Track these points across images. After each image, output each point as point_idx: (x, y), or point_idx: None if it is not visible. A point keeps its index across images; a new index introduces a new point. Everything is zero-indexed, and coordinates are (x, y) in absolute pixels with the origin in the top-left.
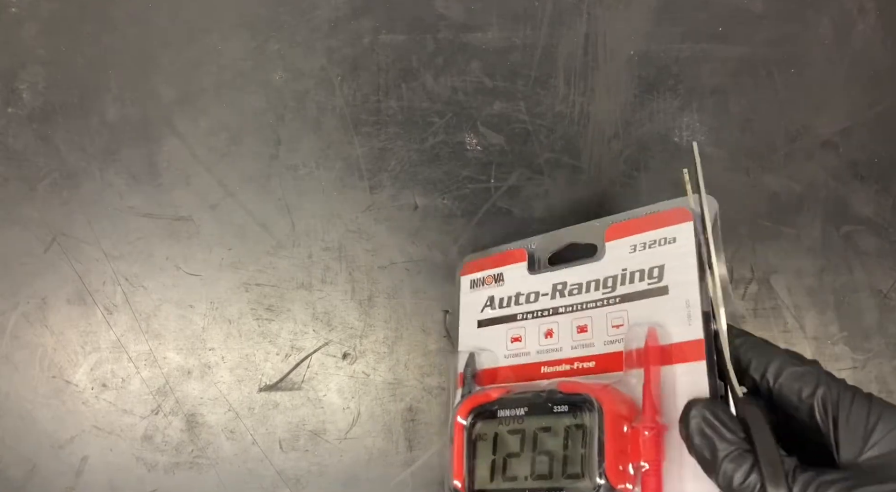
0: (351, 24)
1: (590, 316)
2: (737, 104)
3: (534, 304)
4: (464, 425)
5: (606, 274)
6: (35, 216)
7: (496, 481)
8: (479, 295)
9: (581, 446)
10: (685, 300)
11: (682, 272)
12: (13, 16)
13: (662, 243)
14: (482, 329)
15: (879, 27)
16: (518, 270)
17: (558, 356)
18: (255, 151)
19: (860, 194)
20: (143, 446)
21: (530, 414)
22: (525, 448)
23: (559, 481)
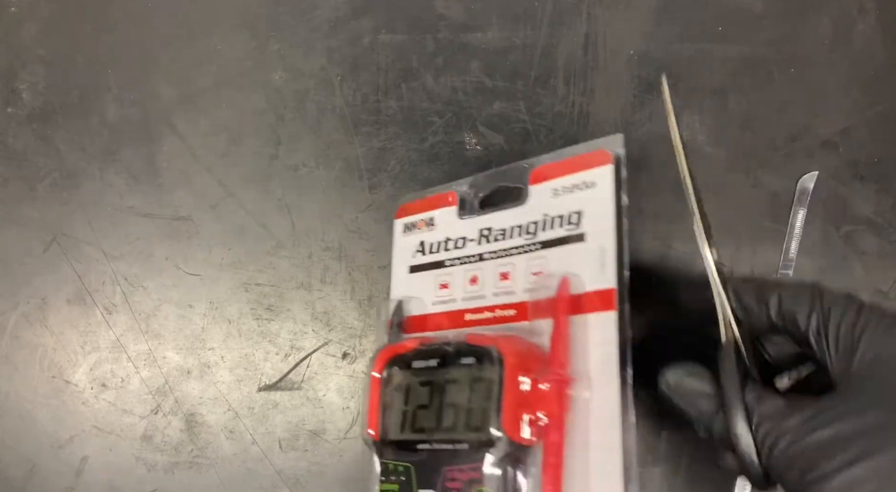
0: (351, 24)
1: (512, 263)
2: (737, 104)
3: (461, 249)
4: (379, 376)
5: (529, 219)
6: (35, 216)
7: (406, 432)
8: (412, 240)
9: (483, 398)
10: (600, 247)
11: (599, 219)
12: (13, 16)
13: (582, 188)
14: (413, 275)
15: (879, 27)
16: (449, 214)
17: (482, 303)
18: (255, 151)
19: (860, 194)
20: (142, 445)
21: (441, 365)
22: (434, 400)
23: (462, 433)
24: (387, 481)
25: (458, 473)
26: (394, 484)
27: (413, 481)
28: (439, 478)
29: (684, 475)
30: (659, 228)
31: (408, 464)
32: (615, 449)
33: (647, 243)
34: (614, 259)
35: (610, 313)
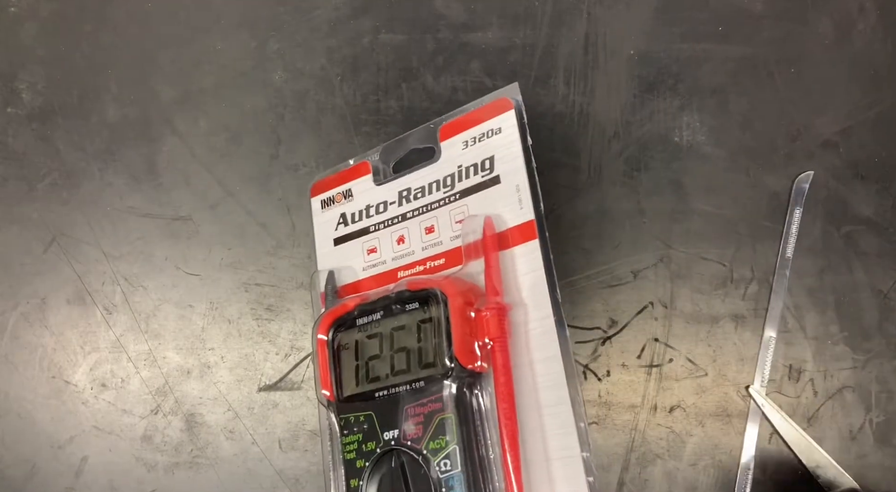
0: (351, 24)
1: (435, 216)
2: (737, 104)
3: (384, 214)
4: (325, 338)
5: (444, 173)
6: (34, 216)
7: (361, 385)
8: (332, 214)
9: (433, 336)
10: (515, 186)
11: (510, 160)
12: (13, 16)
13: (490, 135)
14: (339, 247)
15: (880, 27)
16: (365, 184)
17: (412, 259)
18: (255, 151)
19: (861, 194)
20: (142, 446)
21: (385, 316)
22: (384, 349)
23: (417, 372)
24: (349, 434)
25: (419, 407)
26: (356, 434)
27: (376, 425)
28: (401, 417)
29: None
30: (659, 228)
31: (368, 412)
32: (556, 359)
33: (647, 243)
34: (529, 194)
35: (533, 243)
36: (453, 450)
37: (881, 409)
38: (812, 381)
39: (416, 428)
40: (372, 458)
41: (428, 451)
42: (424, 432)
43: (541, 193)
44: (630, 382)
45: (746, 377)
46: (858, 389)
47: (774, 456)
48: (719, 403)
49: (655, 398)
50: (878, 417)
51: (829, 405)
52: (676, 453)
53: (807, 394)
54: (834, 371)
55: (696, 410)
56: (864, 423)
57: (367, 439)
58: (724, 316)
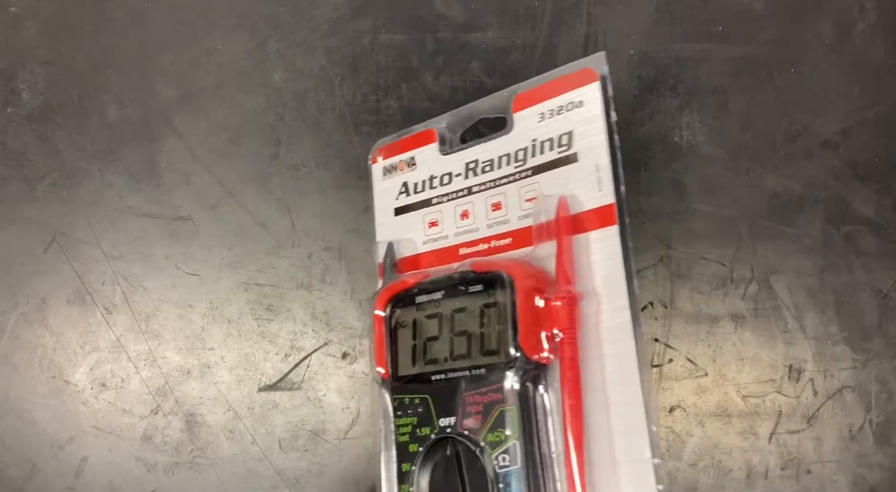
0: (351, 23)
1: (503, 192)
2: (737, 104)
3: (448, 186)
4: (383, 315)
5: (516, 147)
6: (34, 216)
7: (418, 366)
8: (393, 182)
9: (496, 322)
10: (595, 166)
11: (591, 136)
12: (13, 15)
13: (570, 108)
14: (400, 217)
15: (880, 27)
16: (429, 152)
17: (475, 236)
18: (255, 151)
19: (861, 194)
20: (142, 446)
21: (447, 297)
22: (443, 331)
23: (478, 359)
24: (403, 416)
25: (479, 396)
26: (411, 417)
27: (431, 410)
28: (458, 404)
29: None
30: (659, 228)
31: (424, 395)
32: (630, 355)
33: (647, 243)
34: (610, 175)
35: (611, 229)
36: (513, 445)
37: (881, 409)
38: (812, 381)
39: (475, 417)
40: (426, 443)
41: (486, 443)
42: (483, 422)
43: (623, 174)
44: None
45: (746, 377)
46: (858, 389)
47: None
48: (719, 403)
49: (655, 398)
50: (877, 417)
51: (828, 405)
52: (676, 453)
53: (807, 394)
54: (834, 371)
55: (695, 410)
56: (864, 423)
57: (422, 423)
58: (725, 316)
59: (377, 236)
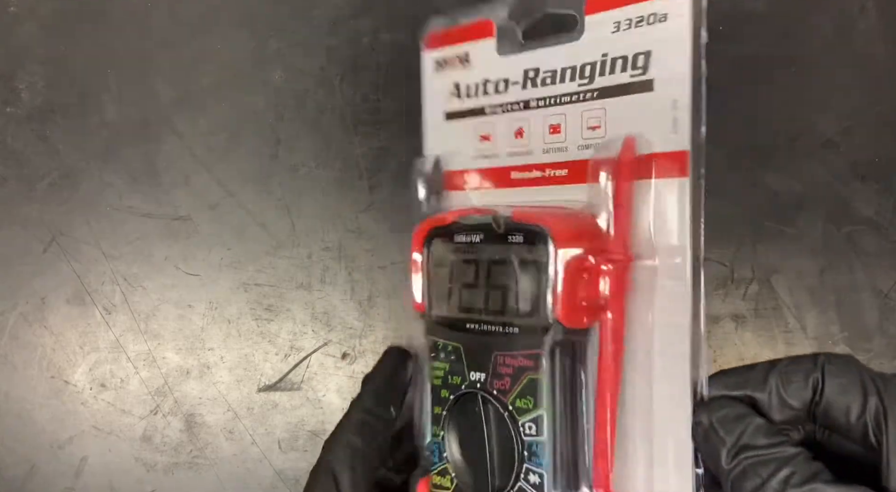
0: (351, 23)
1: (563, 113)
2: (737, 104)
3: (503, 95)
4: (421, 248)
5: (584, 60)
6: (34, 216)
7: (452, 311)
8: (445, 79)
9: (535, 281)
10: (672, 101)
11: (672, 63)
12: (12, 15)
13: (651, 22)
14: (450, 123)
15: (880, 27)
16: (486, 49)
17: (529, 160)
18: (255, 151)
19: (861, 194)
20: (141, 446)
21: (485, 242)
22: (479, 280)
23: (512, 317)
24: (437, 359)
25: (510, 359)
26: (444, 363)
27: (463, 361)
28: (490, 363)
29: None
30: None
31: (457, 344)
32: (684, 329)
33: None
34: (689, 115)
35: (681, 181)
36: (540, 415)
37: None
38: None
39: (505, 380)
40: (456, 393)
41: (514, 407)
42: (512, 385)
43: (705, 115)
44: None
45: None
46: None
47: None
48: None
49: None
50: None
51: None
52: None
53: None
54: None
55: None
56: None
57: (454, 372)
58: (725, 316)
59: (426, 143)
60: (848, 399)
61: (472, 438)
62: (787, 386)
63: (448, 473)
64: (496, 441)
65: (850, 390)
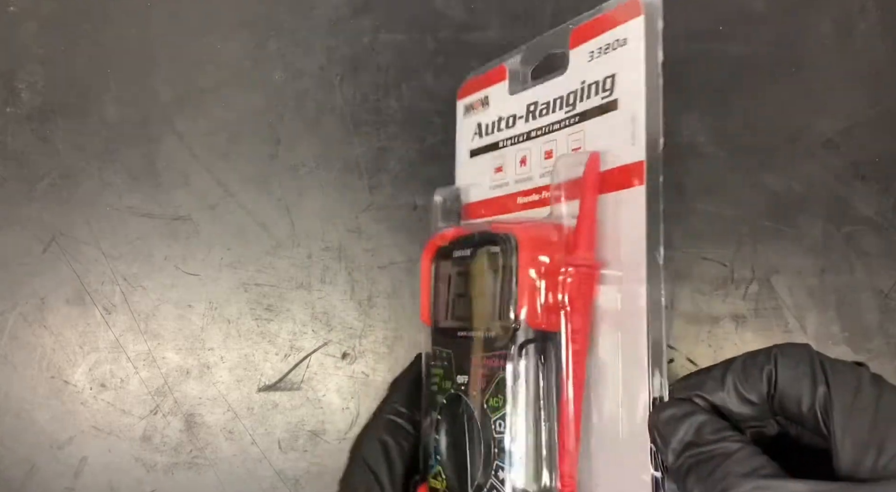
0: (351, 23)
1: (555, 139)
2: (738, 104)
3: (512, 129)
4: (429, 264)
5: (569, 89)
6: (34, 216)
7: (448, 321)
8: (471, 121)
9: (505, 285)
10: (631, 116)
11: (631, 83)
12: (12, 15)
13: (615, 47)
14: (473, 160)
15: (880, 27)
16: (501, 91)
17: (530, 185)
18: (255, 151)
19: (861, 194)
20: (141, 446)
21: (472, 256)
22: (468, 289)
23: (490, 321)
24: (435, 366)
25: (487, 360)
26: (439, 369)
27: (452, 365)
28: (470, 365)
29: None
30: None
31: (449, 350)
32: (641, 331)
33: None
34: (644, 128)
35: (637, 189)
36: (508, 412)
37: None
38: None
39: (481, 380)
40: (445, 396)
41: (487, 406)
42: (487, 386)
43: (662, 126)
44: None
45: None
46: None
47: None
48: None
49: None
50: None
51: None
52: None
53: None
54: None
55: None
56: None
57: (446, 376)
58: (725, 316)
59: (456, 179)
60: (799, 389)
61: (457, 438)
62: (744, 382)
63: (440, 475)
64: (475, 440)
65: (801, 380)
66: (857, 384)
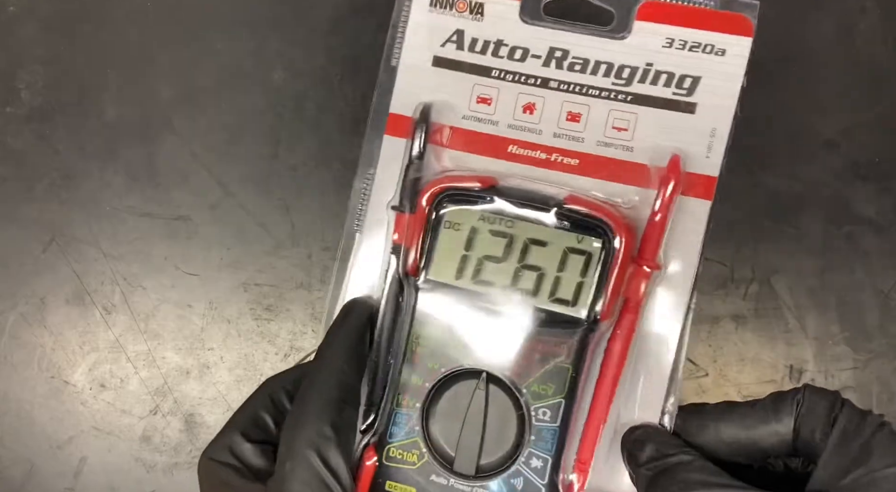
0: (351, 22)
1: (588, 104)
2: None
3: (519, 63)
4: (430, 206)
5: (626, 61)
6: (33, 216)
7: (463, 280)
8: (443, 21)
9: (580, 273)
10: (712, 129)
11: (720, 95)
12: (12, 15)
13: (708, 51)
14: (438, 70)
15: (881, 27)
16: (508, 9)
17: (534, 139)
18: (255, 151)
19: (862, 194)
20: (141, 446)
21: (525, 220)
22: (509, 256)
23: (544, 301)
24: (426, 327)
25: (536, 343)
26: (435, 332)
27: (465, 339)
28: (507, 345)
29: None
30: None
31: (461, 318)
32: (671, 339)
33: None
34: (724, 145)
35: (704, 203)
36: (559, 403)
37: (882, 409)
38: (813, 381)
39: (525, 363)
40: (451, 368)
41: (529, 392)
42: (533, 371)
43: (728, 149)
44: None
45: (747, 377)
46: (859, 389)
47: None
48: None
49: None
50: None
51: None
52: None
53: None
54: (835, 371)
55: None
56: None
57: (451, 344)
58: (725, 316)
59: (396, 80)
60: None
61: (461, 415)
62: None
63: (417, 448)
64: (494, 422)
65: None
66: (862, 419)
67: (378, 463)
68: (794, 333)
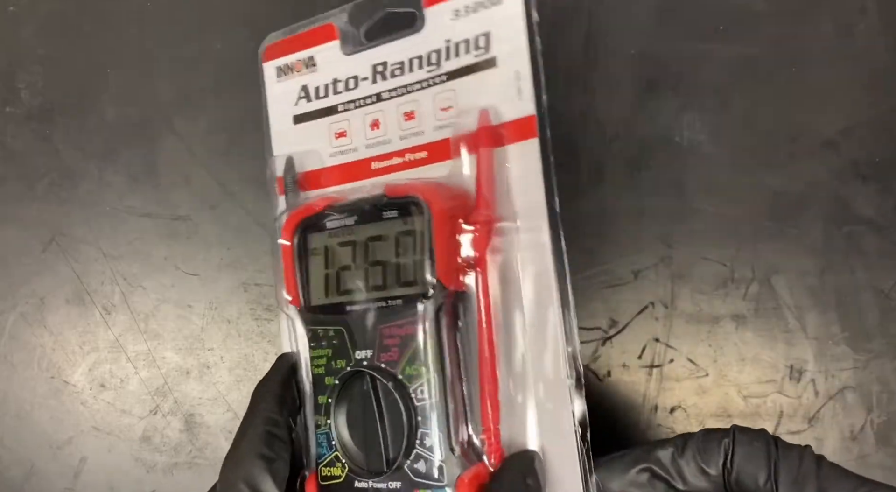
0: None
1: (416, 99)
2: (738, 104)
3: (354, 91)
4: (291, 242)
5: (429, 48)
6: (33, 216)
7: (331, 296)
8: (291, 85)
9: (413, 251)
10: (515, 72)
11: (511, 40)
12: (12, 15)
13: (487, 6)
14: (301, 126)
15: (881, 27)
16: (331, 51)
17: (388, 149)
18: (255, 151)
19: (862, 194)
20: (141, 446)
21: (360, 223)
22: (357, 260)
23: (394, 289)
24: (318, 348)
25: (396, 329)
26: (325, 349)
27: (347, 342)
28: (375, 337)
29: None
30: (660, 228)
31: (339, 327)
32: (548, 275)
33: (647, 243)
34: (531, 83)
35: (531, 142)
36: (430, 378)
37: (882, 409)
38: (813, 381)
39: (392, 351)
40: (341, 376)
41: (404, 376)
42: (401, 355)
43: (544, 82)
44: (631, 382)
45: (747, 377)
46: (860, 389)
47: None
48: (720, 403)
49: (656, 399)
50: (879, 417)
51: (829, 406)
52: None
53: (808, 394)
54: (835, 371)
55: (696, 410)
56: (866, 423)
57: (337, 355)
58: (725, 316)
59: (273, 148)
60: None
61: (362, 417)
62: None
63: (338, 460)
64: (387, 414)
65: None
66: (801, 458)
67: (318, 487)
68: (794, 333)
